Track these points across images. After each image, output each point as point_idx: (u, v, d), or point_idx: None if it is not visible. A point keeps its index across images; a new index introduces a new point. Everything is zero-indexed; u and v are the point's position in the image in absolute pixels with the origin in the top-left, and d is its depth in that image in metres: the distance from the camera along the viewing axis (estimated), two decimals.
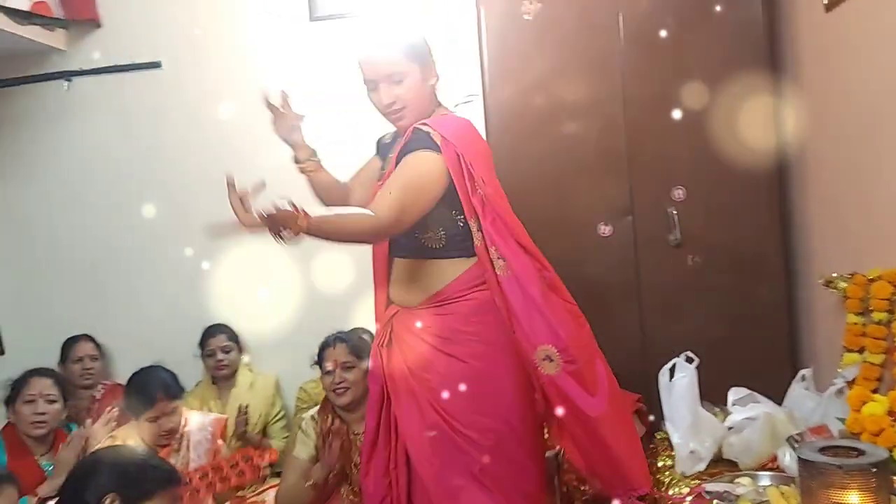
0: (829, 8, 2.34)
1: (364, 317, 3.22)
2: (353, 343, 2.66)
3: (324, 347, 2.68)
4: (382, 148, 2.13)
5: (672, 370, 2.27)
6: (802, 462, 1.60)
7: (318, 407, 2.68)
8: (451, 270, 1.92)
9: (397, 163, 1.87)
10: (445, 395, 1.85)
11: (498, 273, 1.85)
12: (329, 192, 2.11)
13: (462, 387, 1.85)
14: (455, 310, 1.91)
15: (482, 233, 1.86)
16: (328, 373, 2.61)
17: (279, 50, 3.40)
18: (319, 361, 2.67)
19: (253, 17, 3.40)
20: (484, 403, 1.87)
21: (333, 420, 2.61)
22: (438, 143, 1.84)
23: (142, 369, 2.75)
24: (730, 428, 2.20)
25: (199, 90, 3.44)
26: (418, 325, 1.92)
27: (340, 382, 2.57)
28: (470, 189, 1.86)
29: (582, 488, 2.36)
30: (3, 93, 3.54)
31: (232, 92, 3.39)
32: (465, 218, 1.88)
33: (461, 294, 1.91)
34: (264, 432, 3.31)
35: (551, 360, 1.82)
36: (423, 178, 1.83)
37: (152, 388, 2.64)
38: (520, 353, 1.86)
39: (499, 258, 1.86)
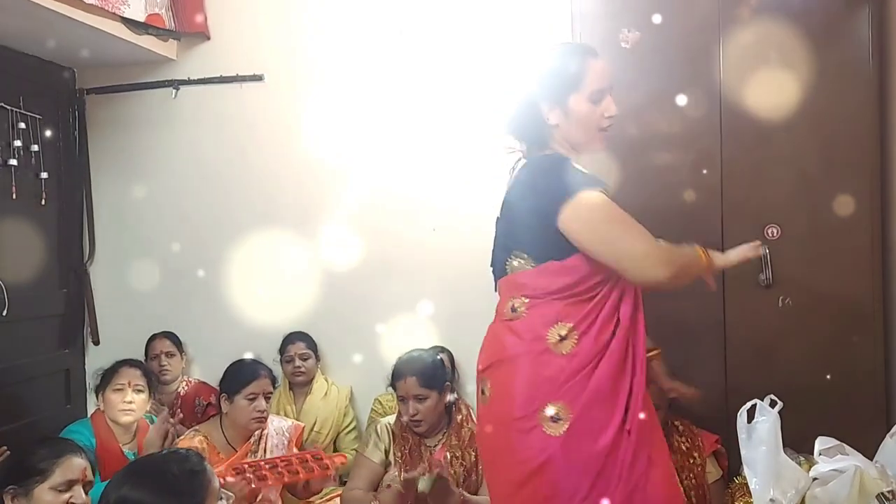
0: None
1: (444, 334, 3.29)
2: (425, 373, 2.58)
3: (396, 377, 2.62)
4: None
5: (751, 412, 2.19)
6: None
7: (395, 416, 2.68)
8: None
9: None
10: None
11: None
12: None
13: None
14: None
15: None
16: (402, 401, 2.60)
17: (375, 68, 3.48)
18: (393, 386, 2.64)
19: (355, 35, 3.49)
20: None
21: (406, 433, 2.61)
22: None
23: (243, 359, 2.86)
24: (815, 479, 2.11)
25: (298, 105, 3.55)
26: None
27: (414, 415, 2.55)
28: None
29: None
30: (117, 98, 3.73)
31: (329, 108, 3.50)
32: None
33: None
34: (335, 442, 3.35)
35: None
36: None
37: (258, 366, 2.75)
38: None
39: None
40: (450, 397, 2.63)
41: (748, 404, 2.18)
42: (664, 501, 1.74)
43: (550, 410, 1.70)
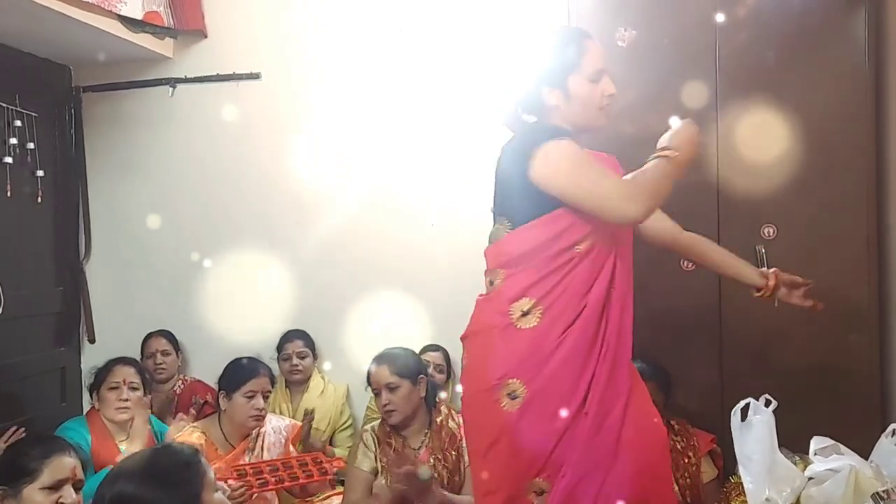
0: None
1: (441, 332, 3.28)
2: (396, 362, 2.60)
3: (369, 372, 2.64)
4: None
5: (745, 410, 2.18)
6: None
7: (379, 420, 2.69)
8: None
9: None
10: None
11: None
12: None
13: None
14: None
15: None
16: (376, 394, 2.61)
17: (373, 67, 3.47)
18: (369, 383, 2.65)
19: (353, 34, 3.49)
20: None
21: (390, 438, 2.60)
22: None
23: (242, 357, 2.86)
24: (810, 478, 2.11)
25: (295, 103, 3.55)
26: None
27: (386, 405, 2.56)
28: None
29: None
30: (113, 96, 3.73)
31: (327, 107, 3.50)
32: None
33: None
34: (332, 440, 3.35)
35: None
36: None
37: (257, 364, 2.76)
38: None
39: None
40: (422, 393, 2.61)
41: (741, 403, 2.18)
42: (631, 486, 1.73)
43: (508, 387, 1.72)
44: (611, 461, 1.72)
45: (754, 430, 2.12)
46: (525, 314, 1.74)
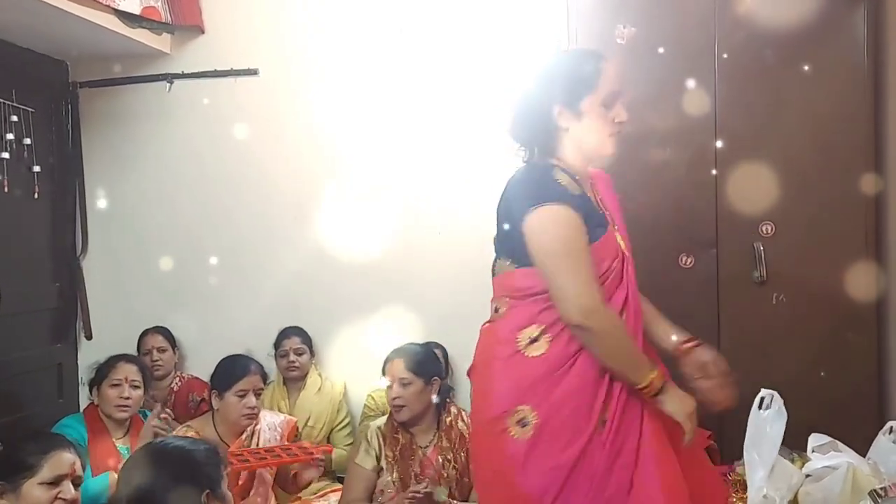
0: None
1: (438, 331, 3.28)
2: (413, 359, 2.60)
3: (386, 361, 2.66)
4: None
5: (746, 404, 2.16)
6: None
7: (385, 417, 2.68)
8: None
9: None
10: None
11: None
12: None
13: None
14: None
15: None
16: (389, 387, 2.60)
17: (371, 64, 3.46)
18: (384, 372, 2.66)
19: (351, 31, 3.47)
20: None
21: (397, 434, 2.60)
22: None
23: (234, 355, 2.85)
24: (808, 475, 2.11)
25: (292, 99, 3.53)
26: None
27: (395, 398, 2.55)
28: None
29: None
30: (110, 91, 3.71)
31: (325, 103, 3.49)
32: None
33: None
34: (328, 438, 3.35)
35: None
36: None
37: (248, 362, 2.74)
38: None
39: None
40: (435, 398, 2.62)
41: (762, 393, 2.15)
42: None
43: (518, 414, 1.68)
44: (628, 486, 1.67)
45: (767, 425, 2.11)
46: (533, 341, 1.70)
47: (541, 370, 1.69)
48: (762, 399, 2.14)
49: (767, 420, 2.11)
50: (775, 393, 2.15)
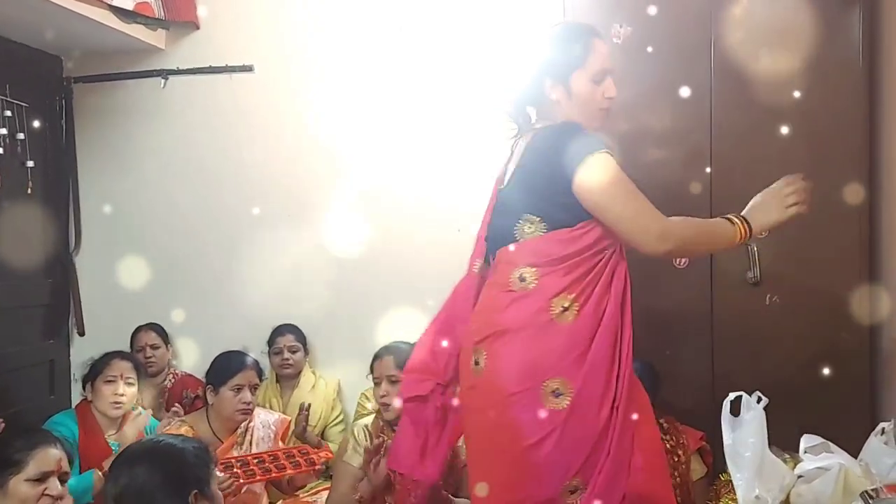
0: None
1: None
2: (402, 357, 2.52)
3: (374, 359, 2.64)
4: None
5: (735, 404, 2.17)
6: None
7: (373, 416, 2.67)
8: None
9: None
10: None
11: None
12: None
13: None
14: None
15: None
16: (376, 384, 2.60)
17: (367, 60, 3.46)
18: (372, 369, 2.65)
19: (347, 27, 3.47)
20: None
21: (383, 433, 2.57)
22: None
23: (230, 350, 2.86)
24: (799, 476, 2.11)
25: (288, 96, 3.53)
26: None
27: (384, 396, 2.54)
28: None
29: None
30: (104, 87, 3.70)
31: (321, 100, 3.48)
32: None
33: None
34: (322, 435, 3.34)
35: None
36: None
37: (244, 357, 2.75)
38: None
39: None
40: None
41: (733, 395, 2.17)
42: (647, 476, 1.72)
43: (552, 384, 1.69)
44: (630, 456, 1.71)
45: (745, 427, 2.13)
46: (565, 310, 1.72)
47: (573, 339, 1.72)
48: (738, 400, 2.13)
49: (745, 425, 2.10)
50: (751, 398, 2.14)
